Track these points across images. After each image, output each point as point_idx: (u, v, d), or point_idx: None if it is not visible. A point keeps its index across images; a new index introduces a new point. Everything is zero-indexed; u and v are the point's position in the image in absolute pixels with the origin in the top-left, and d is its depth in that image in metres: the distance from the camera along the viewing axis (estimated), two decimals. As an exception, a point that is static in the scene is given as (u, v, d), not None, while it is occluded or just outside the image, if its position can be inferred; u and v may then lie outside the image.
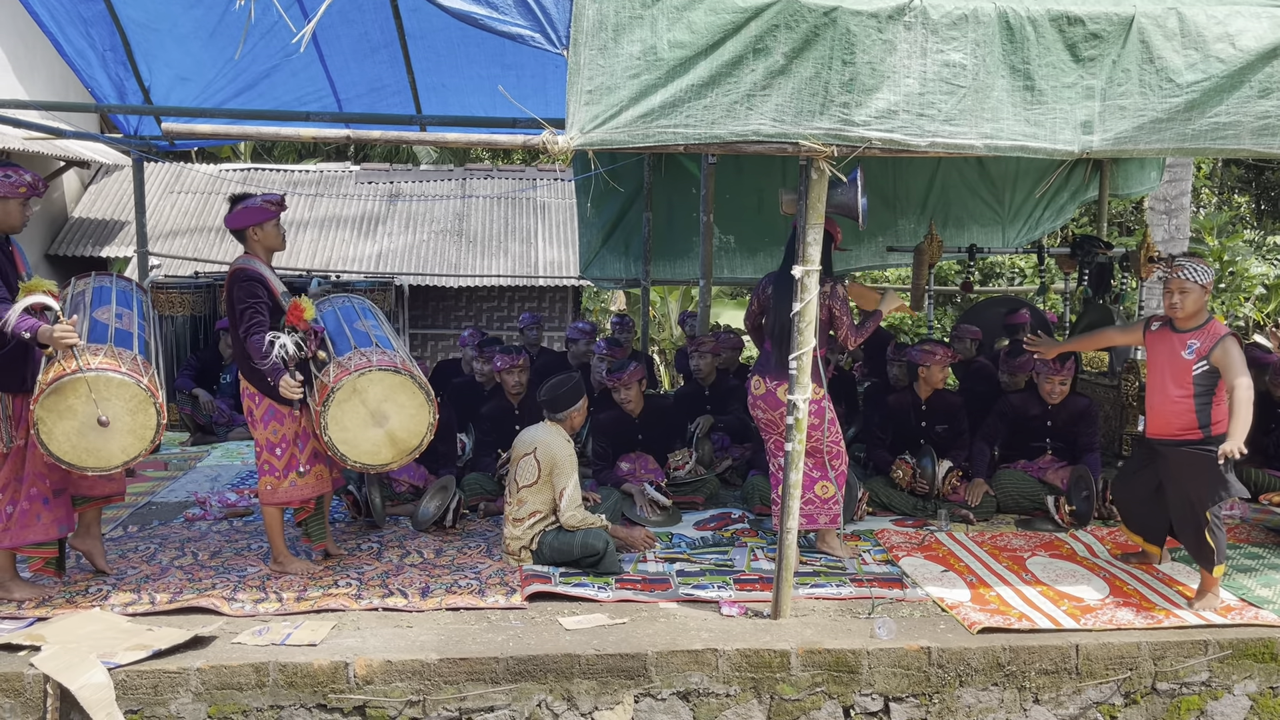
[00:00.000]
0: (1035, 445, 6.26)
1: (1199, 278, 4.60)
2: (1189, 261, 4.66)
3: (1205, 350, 4.57)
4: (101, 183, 13.88)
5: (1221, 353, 4.52)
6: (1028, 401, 6.25)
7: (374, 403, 4.60)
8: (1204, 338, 4.61)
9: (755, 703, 4.13)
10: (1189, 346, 4.63)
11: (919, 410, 6.42)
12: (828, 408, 5.00)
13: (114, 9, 6.80)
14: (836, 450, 5.10)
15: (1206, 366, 4.56)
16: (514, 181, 14.98)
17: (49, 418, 4.12)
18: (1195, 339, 4.63)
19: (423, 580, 4.84)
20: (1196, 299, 4.62)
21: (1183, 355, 4.63)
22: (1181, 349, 4.65)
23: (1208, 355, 4.56)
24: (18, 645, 3.99)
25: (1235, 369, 4.47)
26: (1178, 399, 4.63)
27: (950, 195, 9.15)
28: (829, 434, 5.01)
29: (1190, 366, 4.60)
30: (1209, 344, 4.57)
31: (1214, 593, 4.63)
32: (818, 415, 4.89)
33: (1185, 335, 4.66)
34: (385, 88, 7.87)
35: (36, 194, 4.46)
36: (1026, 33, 4.04)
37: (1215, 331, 4.61)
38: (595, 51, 3.91)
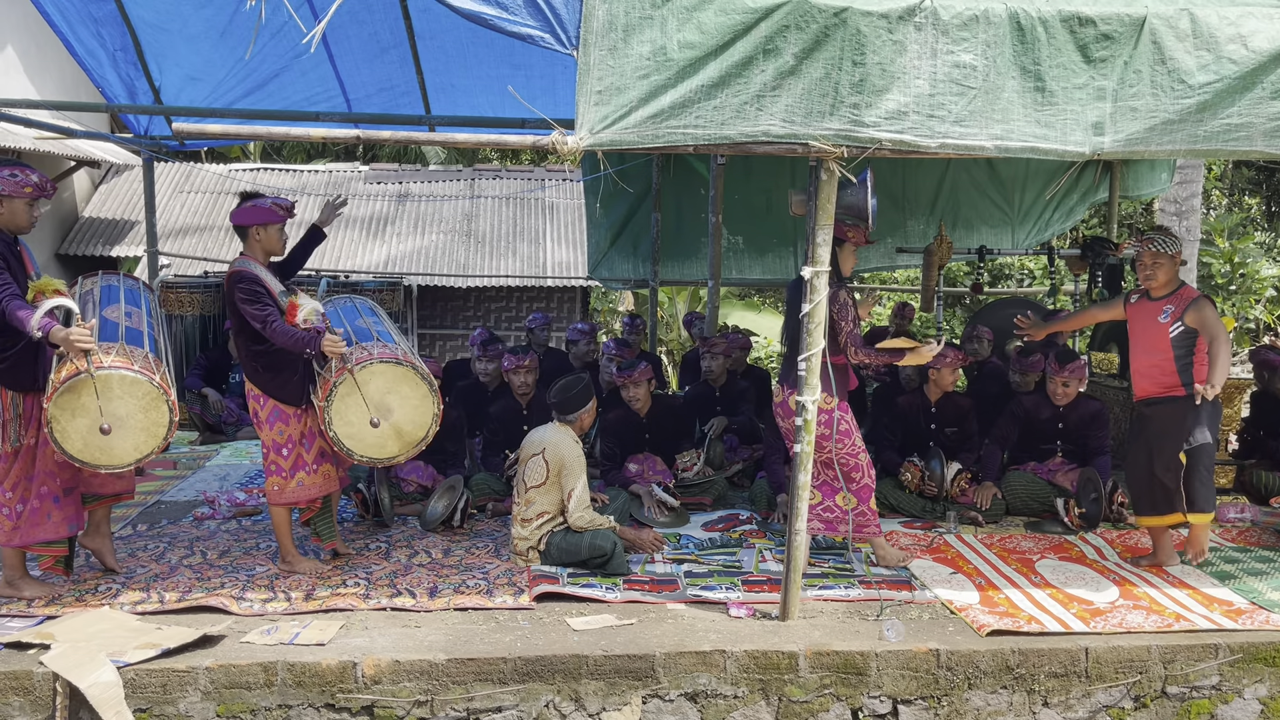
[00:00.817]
0: (1046, 447, 6.24)
1: (1168, 249, 4.94)
2: (1158, 235, 4.99)
3: (1179, 313, 4.89)
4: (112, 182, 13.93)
5: (1195, 314, 4.85)
6: (1039, 404, 6.23)
7: (377, 395, 4.60)
8: (1177, 302, 4.93)
9: (763, 704, 4.12)
10: (1164, 311, 4.95)
11: (928, 413, 6.40)
12: (840, 419, 4.90)
13: (125, 9, 6.82)
14: (854, 463, 5.01)
15: (1182, 328, 4.88)
16: (523, 182, 14.98)
17: (62, 416, 4.13)
18: (1170, 304, 4.95)
19: (431, 580, 4.85)
20: (1168, 269, 4.96)
21: (1159, 320, 4.95)
22: (1158, 314, 4.97)
23: (1182, 317, 4.88)
24: (27, 643, 4.00)
25: (1210, 324, 4.80)
26: (1160, 361, 4.94)
27: (960, 196, 9.13)
28: (843, 446, 4.94)
29: (1167, 330, 4.91)
30: (1182, 307, 4.89)
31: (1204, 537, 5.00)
32: (827, 425, 4.85)
33: (1160, 302, 4.99)
34: (395, 88, 7.88)
35: (44, 194, 4.44)
36: (1037, 33, 4.03)
37: (1187, 295, 4.94)
38: (605, 52, 3.90)
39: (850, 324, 4.90)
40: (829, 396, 4.83)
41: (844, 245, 4.92)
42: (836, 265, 4.91)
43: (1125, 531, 5.76)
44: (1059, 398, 6.09)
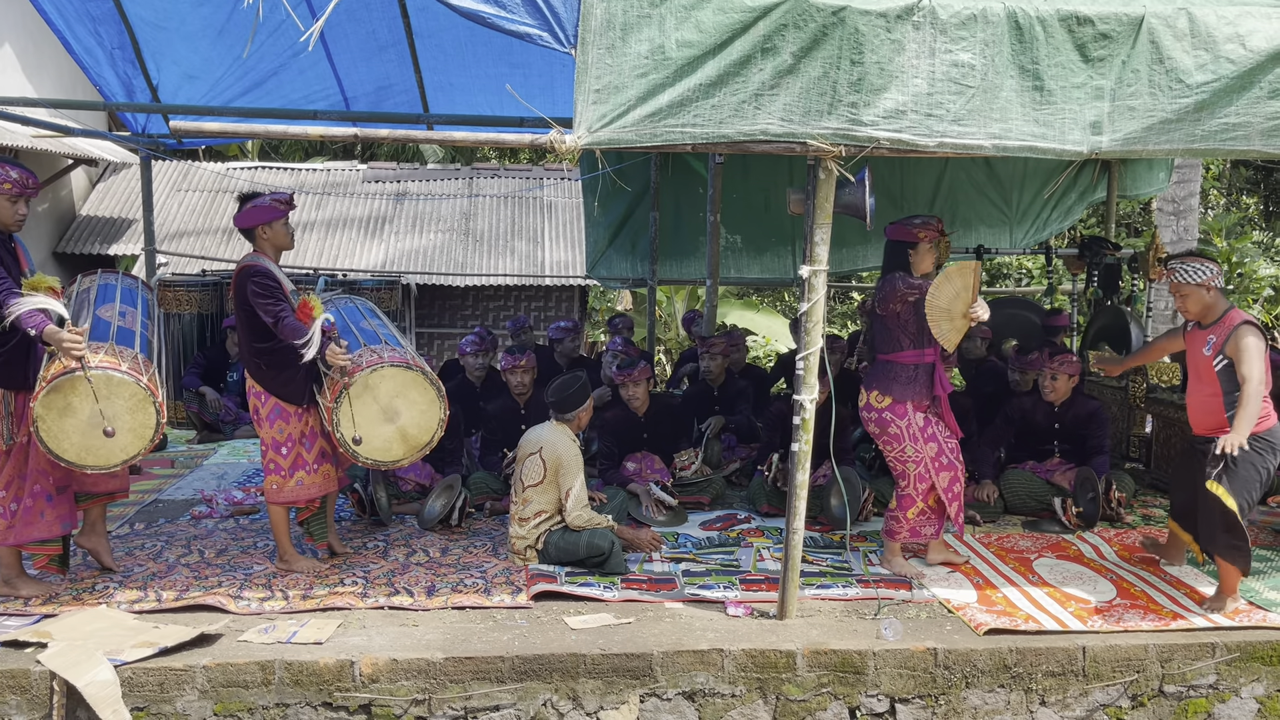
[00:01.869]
0: (1044, 448, 6.23)
1: (1192, 278, 4.57)
2: (1181, 264, 4.64)
3: (1220, 344, 4.53)
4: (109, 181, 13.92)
5: (1233, 344, 4.46)
6: (1035, 404, 6.22)
7: (386, 399, 4.60)
8: (1220, 331, 4.56)
9: (761, 703, 4.12)
10: (1208, 343, 4.60)
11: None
12: (891, 421, 4.85)
13: (122, 7, 6.81)
14: (900, 470, 4.95)
15: (1225, 361, 4.51)
16: (521, 181, 14.98)
17: (49, 415, 4.13)
18: (1213, 334, 4.59)
19: (428, 579, 4.84)
20: (1198, 299, 4.61)
21: (1204, 352, 4.61)
22: (1203, 346, 4.63)
23: (1223, 348, 4.51)
24: (24, 642, 4.00)
25: (1246, 359, 4.39)
26: (1208, 396, 4.60)
27: (958, 195, 9.12)
28: (892, 449, 4.93)
29: (1211, 363, 4.56)
30: (1223, 337, 4.52)
31: (1232, 597, 4.57)
32: (878, 425, 4.90)
33: (1206, 331, 4.64)
34: (392, 86, 7.87)
35: (27, 192, 4.38)
36: (1035, 33, 4.03)
37: (1230, 322, 4.54)
38: (603, 51, 3.90)
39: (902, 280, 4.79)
40: (881, 395, 4.85)
41: (918, 247, 4.87)
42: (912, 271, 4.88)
43: (1123, 531, 5.76)
44: (1049, 392, 6.05)
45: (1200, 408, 4.66)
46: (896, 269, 4.92)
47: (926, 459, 4.91)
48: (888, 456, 5.01)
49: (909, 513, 4.99)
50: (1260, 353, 4.40)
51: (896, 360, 4.88)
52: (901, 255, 4.92)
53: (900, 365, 4.87)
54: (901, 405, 4.87)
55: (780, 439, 6.24)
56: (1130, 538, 5.64)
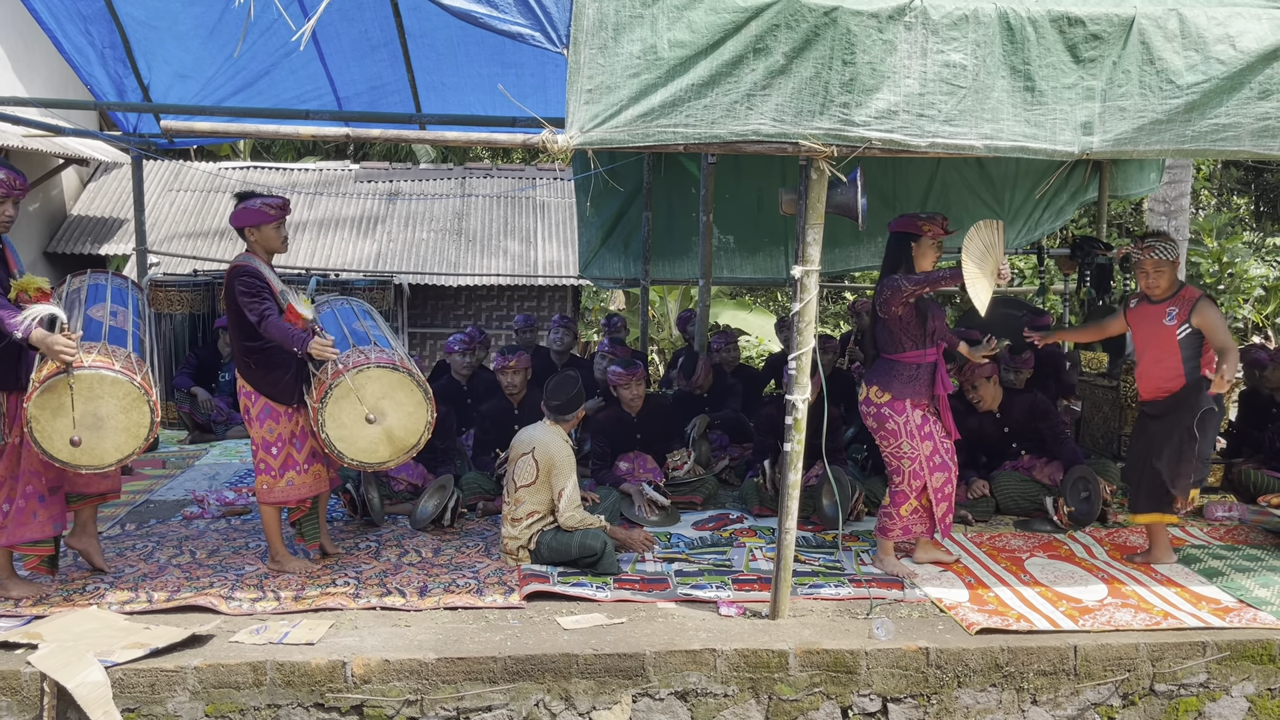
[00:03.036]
0: (1007, 452, 6.25)
1: (1169, 254, 4.96)
2: (1158, 241, 4.99)
3: (1185, 315, 4.91)
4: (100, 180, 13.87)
5: (1200, 316, 4.88)
6: (981, 421, 6.17)
7: (371, 400, 4.59)
8: (1180, 304, 4.95)
9: (753, 703, 4.12)
10: (1169, 314, 4.96)
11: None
12: (889, 417, 4.89)
13: (113, 6, 6.78)
14: (896, 466, 4.96)
15: (1190, 329, 4.90)
16: (513, 181, 14.97)
17: (42, 416, 4.11)
18: (1173, 305, 4.96)
19: (421, 579, 4.84)
20: (1170, 274, 4.99)
21: (1164, 323, 4.96)
22: (1162, 317, 4.97)
23: (1188, 319, 4.90)
24: (15, 643, 3.99)
25: (1217, 329, 4.85)
26: (1168, 365, 4.96)
27: (950, 196, 9.14)
28: (889, 444, 4.95)
29: (1174, 332, 4.92)
30: (1186, 309, 4.91)
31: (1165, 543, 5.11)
32: (876, 420, 4.93)
33: (1163, 305, 5.00)
34: (385, 86, 7.85)
35: (14, 193, 4.35)
36: (1027, 33, 4.04)
37: (1189, 296, 4.95)
38: (595, 50, 3.90)
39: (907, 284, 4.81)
40: (881, 391, 4.89)
41: (921, 240, 4.92)
42: (910, 267, 4.91)
43: (1114, 530, 5.78)
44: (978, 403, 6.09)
45: (1158, 375, 5.01)
46: (898, 264, 4.95)
47: (922, 457, 4.92)
48: (883, 452, 5.02)
49: (902, 509, 4.99)
50: (1224, 322, 4.93)
51: (900, 360, 4.91)
52: (904, 249, 4.95)
53: (903, 364, 4.91)
54: (900, 402, 4.89)
55: (773, 442, 6.24)
56: (1121, 537, 5.66)
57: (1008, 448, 6.24)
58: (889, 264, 5.02)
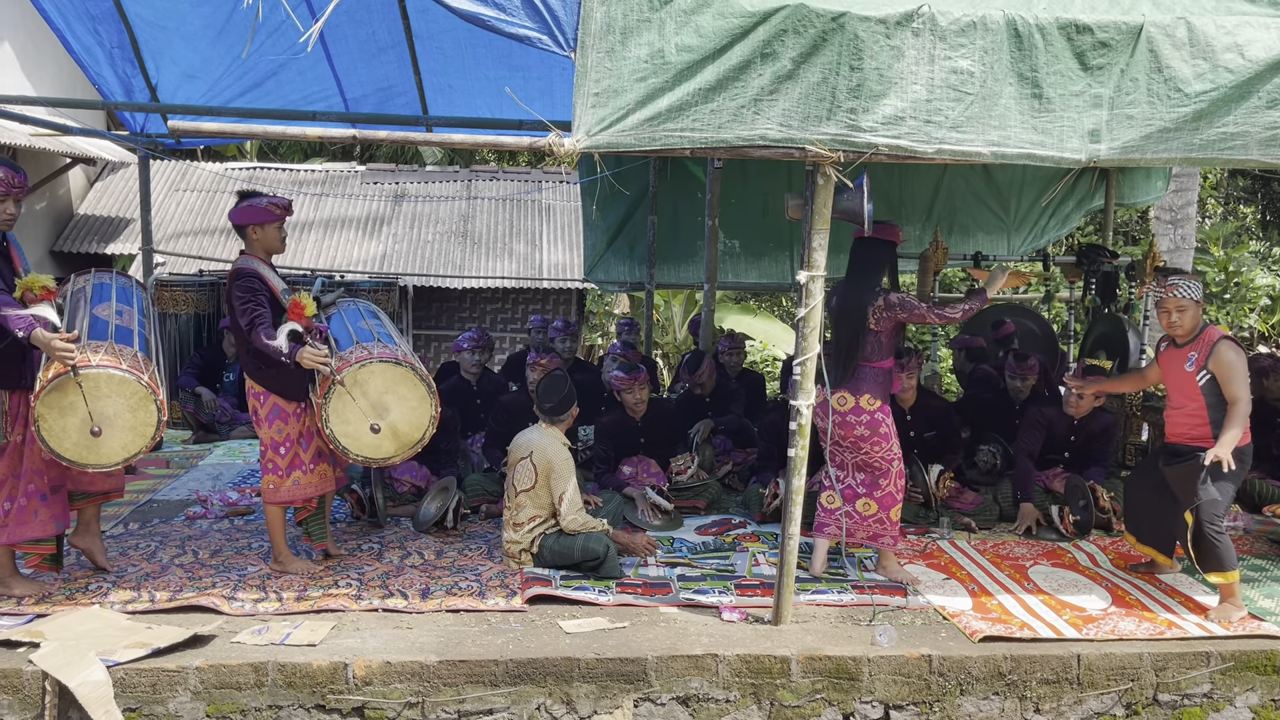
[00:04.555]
0: (1052, 457, 6.23)
1: (1192, 294, 4.66)
2: (1181, 280, 4.69)
3: (1203, 360, 4.63)
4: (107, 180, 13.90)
5: (1215, 361, 4.58)
6: (1059, 415, 6.16)
7: (375, 394, 4.59)
8: (1200, 347, 4.67)
9: (755, 709, 4.11)
10: (1189, 359, 4.69)
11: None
12: (881, 421, 4.86)
13: (122, 6, 6.81)
14: (885, 469, 4.94)
15: (1209, 376, 4.61)
16: (519, 183, 14.98)
17: (50, 414, 4.12)
18: (1194, 350, 4.69)
19: (423, 581, 4.83)
20: (1193, 315, 4.69)
21: (1185, 369, 4.69)
22: (1184, 363, 4.71)
23: (1206, 364, 4.61)
24: (17, 642, 3.99)
25: (1232, 377, 4.52)
26: (1191, 412, 4.67)
27: (956, 202, 9.14)
28: (881, 448, 4.90)
29: (1194, 379, 4.65)
30: (1205, 353, 4.63)
31: (1232, 603, 4.59)
32: (869, 427, 4.85)
33: (1186, 349, 4.73)
34: (392, 88, 7.87)
35: (15, 191, 4.35)
36: (1035, 40, 4.03)
37: (1209, 338, 4.66)
38: (602, 54, 3.90)
39: (920, 305, 4.81)
40: (872, 398, 4.85)
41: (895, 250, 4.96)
42: (893, 272, 4.91)
43: (1118, 539, 5.76)
44: (1072, 407, 6.05)
45: (1182, 422, 4.72)
46: (882, 272, 4.93)
47: (901, 457, 5.01)
48: (873, 457, 4.94)
49: (892, 513, 4.98)
50: (1243, 370, 4.54)
51: (882, 367, 4.90)
52: (888, 257, 4.93)
53: (883, 371, 4.91)
54: (885, 405, 4.92)
55: (777, 448, 6.23)
56: (1125, 545, 5.64)
57: (1062, 452, 6.22)
58: (874, 272, 4.92)
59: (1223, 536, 4.54)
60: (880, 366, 4.89)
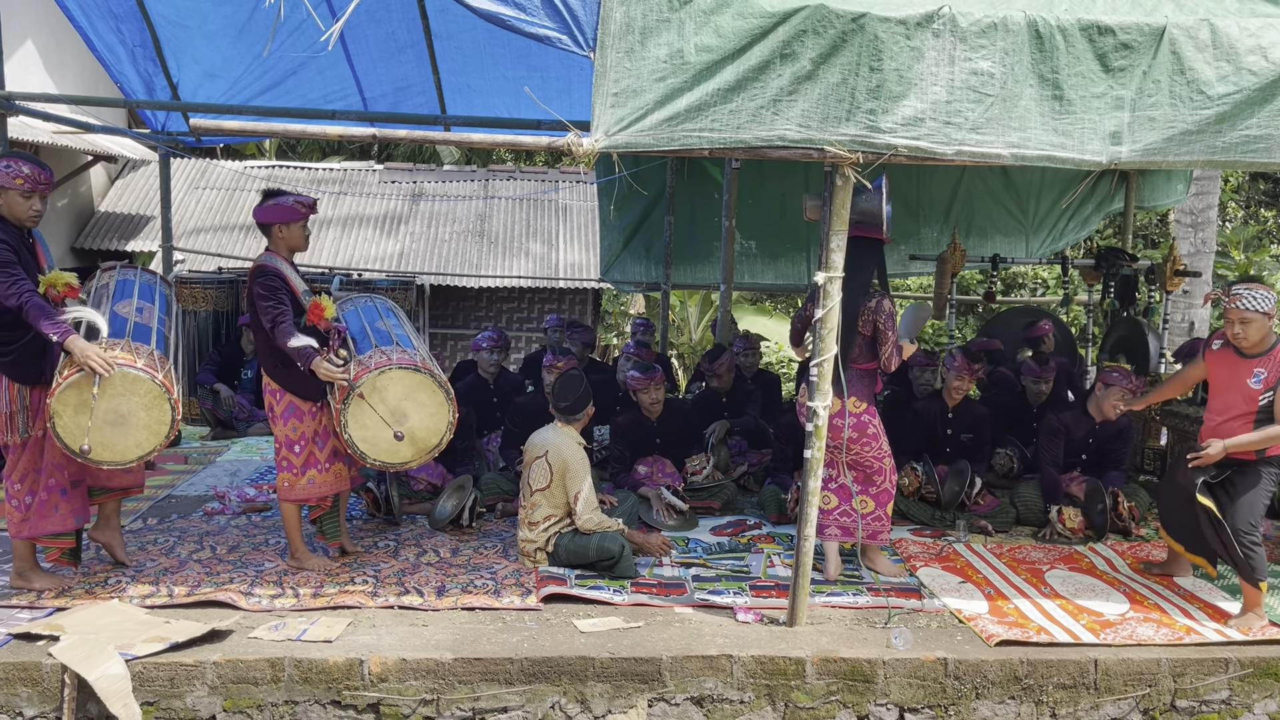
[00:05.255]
0: (1070, 461, 6.20)
1: (1260, 306, 4.41)
2: (1247, 290, 4.45)
3: (1274, 380, 4.41)
4: (128, 177, 14.00)
5: None
6: (1078, 420, 6.12)
7: (394, 401, 4.61)
8: (1271, 366, 4.43)
9: (769, 710, 4.11)
10: (1256, 375, 4.45)
11: (945, 418, 6.40)
12: (868, 423, 4.86)
13: (144, 6, 6.86)
14: (878, 467, 4.95)
15: (1274, 397, 4.40)
16: (536, 183, 15.00)
17: (65, 411, 4.15)
18: (1262, 367, 4.45)
19: (439, 579, 4.85)
20: (1259, 327, 4.43)
21: (1249, 384, 4.46)
22: (1248, 376, 4.47)
23: (1276, 385, 4.40)
24: (37, 635, 4.02)
25: None
26: (1239, 427, 4.48)
27: (974, 204, 9.11)
28: (870, 449, 4.90)
29: (1257, 396, 4.44)
30: (1276, 373, 4.41)
31: (1256, 613, 4.54)
32: (856, 429, 4.83)
33: (1252, 361, 4.47)
34: (410, 87, 7.90)
35: (40, 187, 4.38)
36: (1056, 42, 4.01)
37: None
38: (622, 54, 3.91)
39: (895, 334, 4.75)
40: (858, 400, 4.82)
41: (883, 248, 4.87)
42: (883, 272, 4.86)
43: (1136, 544, 5.73)
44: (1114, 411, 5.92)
45: (1224, 429, 4.53)
46: (871, 271, 4.82)
47: (891, 453, 5.01)
48: (864, 457, 4.92)
49: (888, 508, 5.02)
50: None
51: (867, 369, 4.88)
52: (877, 256, 4.82)
53: (868, 373, 4.89)
54: (872, 406, 4.92)
55: (793, 449, 6.23)
56: (1144, 550, 5.61)
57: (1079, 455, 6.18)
58: (862, 271, 4.77)
59: (1259, 548, 4.48)
60: (865, 368, 4.87)
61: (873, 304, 4.75)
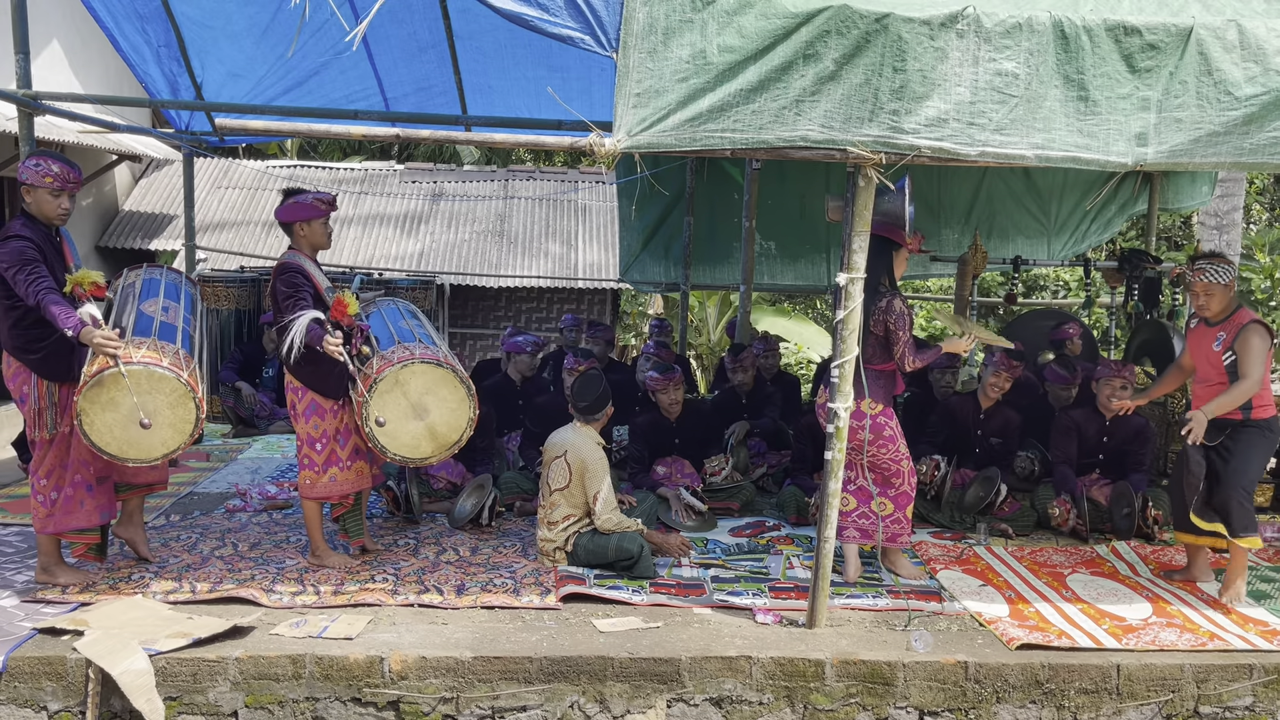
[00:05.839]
0: (1087, 462, 6.16)
1: (1220, 278, 4.76)
2: (1209, 264, 4.80)
3: (1230, 341, 4.75)
4: (152, 177, 14.10)
5: (1241, 342, 4.70)
6: (1088, 417, 6.13)
7: (415, 395, 4.63)
8: (1230, 329, 4.77)
9: (788, 711, 4.10)
10: (1218, 339, 4.80)
11: (976, 418, 6.40)
12: (884, 425, 4.82)
13: (170, 6, 6.91)
14: (895, 469, 4.92)
15: (1234, 356, 4.72)
16: (555, 183, 15.03)
17: (91, 409, 4.19)
18: (1223, 330, 4.80)
19: (458, 578, 4.86)
20: (1221, 298, 4.80)
21: (1213, 348, 4.81)
22: (1212, 342, 4.82)
23: (1233, 345, 4.73)
24: (61, 629, 4.06)
25: (1249, 358, 4.66)
26: (1214, 388, 4.80)
27: (996, 206, 9.06)
28: (885, 451, 4.86)
29: (1220, 358, 4.77)
30: (1233, 334, 4.75)
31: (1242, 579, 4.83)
32: (872, 431, 4.80)
33: (1215, 328, 4.84)
34: (432, 87, 7.92)
35: (69, 186, 4.43)
36: (1082, 42, 3.99)
37: (1239, 321, 4.77)
38: (644, 55, 3.91)
39: (907, 333, 4.76)
40: (874, 402, 4.80)
41: (901, 251, 4.86)
42: (891, 273, 4.85)
43: (1159, 548, 5.68)
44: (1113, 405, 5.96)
45: (1206, 397, 4.82)
46: (879, 270, 4.77)
47: (909, 455, 4.99)
48: (881, 460, 4.89)
49: (908, 511, 5.00)
50: (1262, 354, 4.68)
51: (883, 370, 4.85)
52: (886, 255, 4.81)
53: (882, 373, 4.86)
54: (888, 408, 4.90)
55: (812, 449, 6.22)
56: (1166, 555, 5.56)
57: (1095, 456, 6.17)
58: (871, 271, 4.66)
59: (1249, 503, 4.75)
60: (880, 369, 4.84)
61: (883, 304, 4.74)
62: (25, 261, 4.26)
